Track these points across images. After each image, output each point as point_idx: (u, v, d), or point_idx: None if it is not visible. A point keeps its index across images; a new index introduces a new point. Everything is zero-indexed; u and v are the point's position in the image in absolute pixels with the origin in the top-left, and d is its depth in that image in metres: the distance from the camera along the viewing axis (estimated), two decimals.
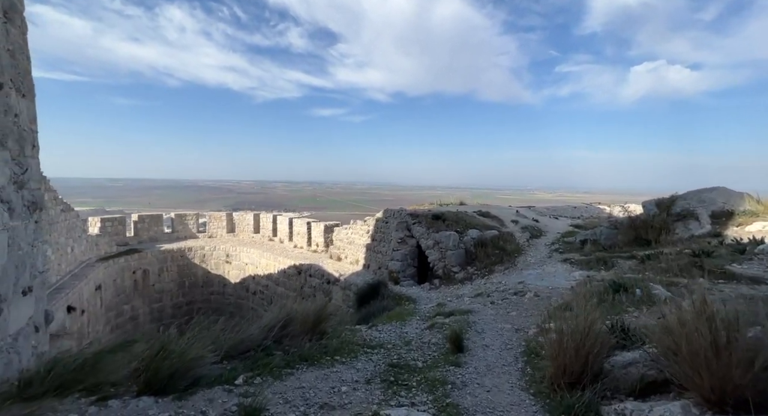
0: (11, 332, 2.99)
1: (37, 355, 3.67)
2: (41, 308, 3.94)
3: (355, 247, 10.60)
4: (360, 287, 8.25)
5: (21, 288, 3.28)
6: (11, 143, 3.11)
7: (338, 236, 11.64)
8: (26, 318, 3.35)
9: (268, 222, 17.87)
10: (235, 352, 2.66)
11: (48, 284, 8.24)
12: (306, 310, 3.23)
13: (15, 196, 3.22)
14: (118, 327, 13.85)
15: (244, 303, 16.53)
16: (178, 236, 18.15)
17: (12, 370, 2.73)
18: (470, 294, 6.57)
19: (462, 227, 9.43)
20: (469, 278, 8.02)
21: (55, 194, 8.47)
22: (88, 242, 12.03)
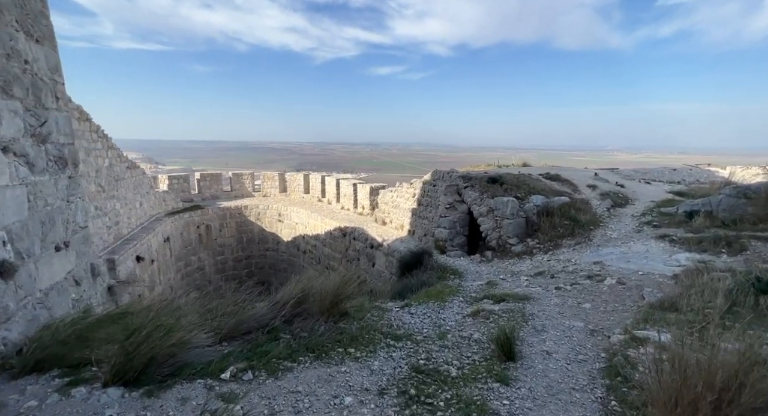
0: (42, 287, 3.08)
1: (84, 307, 3.93)
2: (84, 262, 4.17)
3: (400, 211, 10.08)
4: (403, 255, 7.83)
5: (53, 243, 3.37)
6: (19, 91, 2.97)
7: (383, 199, 11.17)
8: (62, 272, 3.49)
9: (317, 183, 18.13)
10: (237, 332, 2.33)
11: (120, 236, 9.30)
12: (324, 286, 2.79)
13: (34, 150, 3.18)
14: (187, 275, 15.70)
15: (295, 261, 17.54)
16: (235, 195, 19.47)
17: (36, 326, 2.79)
18: (529, 273, 5.72)
19: (523, 193, 8.22)
20: (528, 253, 7.05)
21: (119, 152, 9.22)
22: (156, 198, 13.33)
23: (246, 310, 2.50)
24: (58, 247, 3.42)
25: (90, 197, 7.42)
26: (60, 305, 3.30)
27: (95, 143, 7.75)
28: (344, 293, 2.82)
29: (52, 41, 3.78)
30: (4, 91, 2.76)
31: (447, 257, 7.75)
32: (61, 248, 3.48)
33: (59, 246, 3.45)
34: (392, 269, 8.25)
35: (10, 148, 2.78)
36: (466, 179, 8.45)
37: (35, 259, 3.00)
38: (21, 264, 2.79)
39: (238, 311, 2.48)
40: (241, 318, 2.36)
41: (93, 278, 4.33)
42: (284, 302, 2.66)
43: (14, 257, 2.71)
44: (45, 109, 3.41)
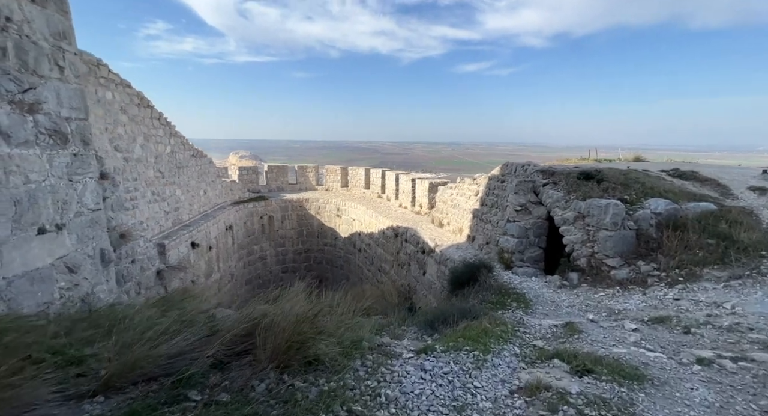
0: (9, 274, 2.77)
1: (81, 296, 3.71)
2: (91, 248, 3.98)
3: (459, 212, 8.66)
4: (456, 266, 6.50)
5: (33, 225, 3.09)
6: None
7: (442, 197, 9.84)
8: (48, 258, 3.23)
9: (378, 178, 17.56)
10: (127, 378, 1.51)
11: (179, 222, 9.86)
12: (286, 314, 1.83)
13: (11, 118, 2.91)
14: (249, 264, 16.58)
15: (351, 259, 17.26)
16: (300, 188, 20.07)
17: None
18: (640, 316, 3.85)
19: (634, 195, 6.08)
20: (638, 282, 5.01)
21: (183, 140, 9.78)
22: (223, 187, 14.18)
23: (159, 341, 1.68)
24: (42, 229, 3.15)
25: (147, 182, 7.83)
26: (32, 296, 3.00)
27: (156, 130, 8.20)
28: (314, 327, 1.83)
29: (60, 5, 3.59)
30: None
31: (513, 274, 6.14)
32: (47, 230, 3.22)
33: (45, 229, 3.18)
34: (444, 281, 6.99)
35: None
36: (546, 175, 6.67)
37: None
38: None
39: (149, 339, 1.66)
40: (141, 356, 1.53)
41: (103, 265, 4.15)
42: (223, 334, 1.78)
43: None
44: (37, 76, 3.16)
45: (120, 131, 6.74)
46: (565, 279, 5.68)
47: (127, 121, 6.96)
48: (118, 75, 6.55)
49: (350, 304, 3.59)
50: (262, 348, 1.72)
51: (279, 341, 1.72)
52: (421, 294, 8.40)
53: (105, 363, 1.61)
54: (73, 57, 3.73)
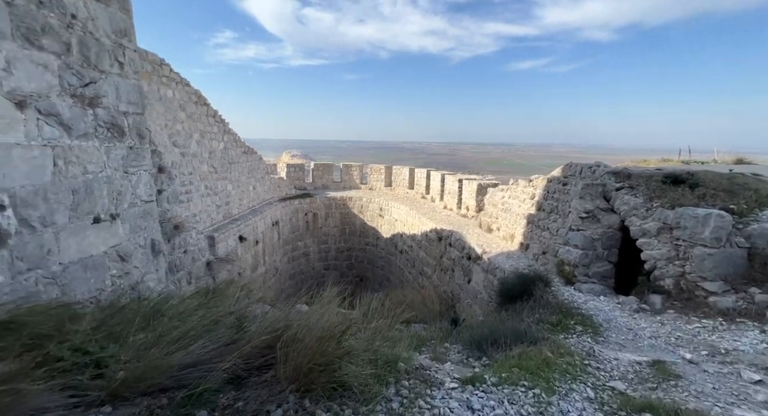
0: (64, 260, 2.91)
1: (131, 285, 3.88)
2: (142, 238, 4.16)
3: (511, 217, 7.95)
4: (506, 276, 5.90)
5: (89, 214, 3.25)
6: (53, 44, 2.81)
7: (491, 199, 9.16)
8: (102, 246, 3.39)
9: (422, 178, 17.17)
10: (137, 388, 1.38)
11: (229, 216, 10.35)
12: (309, 331, 1.60)
13: (73, 111, 3.06)
14: (294, 259, 17.09)
15: (393, 260, 17.07)
16: (344, 186, 20.34)
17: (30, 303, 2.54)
18: (762, 362, 3.06)
19: (744, 204, 5.00)
20: (752, 315, 4.03)
21: (235, 137, 10.27)
22: (271, 184, 14.75)
23: (178, 346, 1.54)
24: (98, 219, 3.30)
25: (201, 177, 8.28)
26: (86, 282, 3.13)
27: (211, 127, 8.66)
28: (340, 348, 1.57)
29: (122, 3, 3.77)
30: (28, 40, 2.56)
31: (575, 291, 5.37)
32: (103, 220, 3.37)
33: (100, 218, 3.33)
34: (491, 292, 6.42)
35: (30, 104, 2.58)
36: (620, 177, 5.78)
37: (57, 229, 2.82)
38: (29, 233, 2.58)
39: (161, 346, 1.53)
40: (153, 364, 1.38)
41: (154, 255, 4.33)
42: (243, 344, 1.59)
43: (17, 225, 2.49)
44: (98, 71, 3.32)
45: (178, 127, 7.17)
46: (645, 302, 4.80)
47: (185, 118, 7.39)
48: (179, 74, 6.98)
49: (388, 312, 3.32)
50: (282, 364, 1.50)
51: (301, 359, 1.49)
52: (465, 303, 7.90)
53: (121, 365, 1.49)
54: (133, 54, 3.90)
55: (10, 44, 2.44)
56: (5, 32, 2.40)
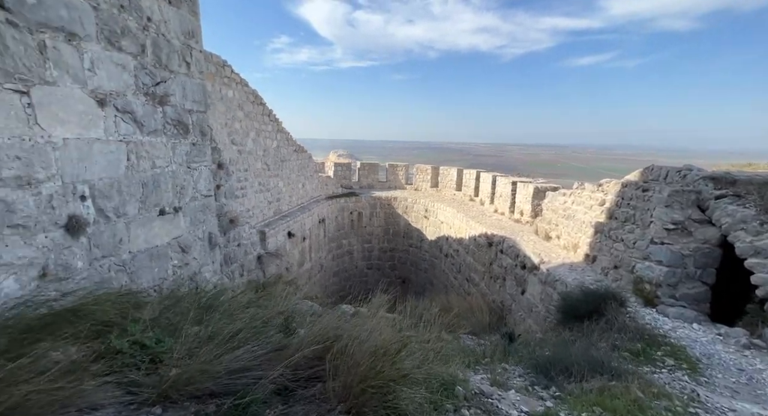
0: (133, 250, 3.12)
1: (189, 275, 4.09)
2: (201, 231, 4.38)
3: (575, 224, 7.21)
4: (569, 291, 5.33)
5: (156, 207, 3.45)
6: (131, 45, 3.01)
7: (551, 204, 8.43)
8: (166, 237, 3.59)
9: (471, 180, 16.55)
10: (187, 392, 1.34)
11: (279, 212, 10.76)
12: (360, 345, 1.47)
13: (145, 109, 3.26)
14: (338, 257, 17.43)
15: (437, 263, 16.69)
16: (389, 186, 20.33)
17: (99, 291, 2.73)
18: None
19: None
20: None
21: (287, 136, 10.66)
22: (319, 182, 15.15)
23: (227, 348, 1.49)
24: (163, 211, 3.51)
25: (255, 174, 8.68)
26: (150, 270, 3.33)
27: (266, 125, 9.05)
28: (397, 368, 1.41)
29: (192, 6, 3.99)
30: (110, 42, 2.76)
31: (659, 315, 4.61)
32: (167, 212, 3.58)
33: (165, 210, 3.54)
34: (550, 306, 5.86)
35: (109, 101, 2.78)
36: (721, 184, 4.91)
37: (127, 220, 3.03)
38: (105, 222, 2.78)
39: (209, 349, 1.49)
40: (200, 369, 1.34)
41: (211, 247, 4.55)
42: (291, 352, 1.50)
43: (95, 215, 2.69)
44: (168, 71, 3.53)
45: (236, 126, 7.57)
46: (758, 337, 3.94)
47: (243, 116, 7.79)
48: (239, 75, 7.38)
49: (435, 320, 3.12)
50: (332, 378, 1.38)
51: (352, 377, 1.36)
52: (518, 316, 7.37)
53: (174, 362, 1.47)
54: (198, 54, 4.11)
55: (95, 46, 2.63)
56: (91, 35, 2.59)
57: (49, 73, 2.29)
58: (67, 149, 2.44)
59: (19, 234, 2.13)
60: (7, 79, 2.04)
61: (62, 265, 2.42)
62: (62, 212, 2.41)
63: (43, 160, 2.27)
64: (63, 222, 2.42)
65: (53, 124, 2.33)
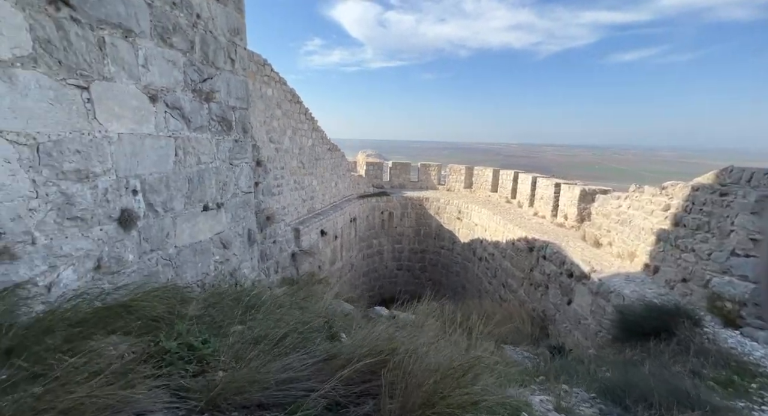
0: (178, 244, 3.18)
1: (230, 271, 4.16)
2: (241, 227, 4.44)
3: (631, 230, 6.60)
4: (628, 304, 4.84)
5: (200, 202, 3.51)
6: (181, 42, 3.07)
7: (602, 208, 7.82)
8: (208, 233, 3.66)
9: (508, 181, 15.93)
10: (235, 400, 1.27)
11: (312, 210, 10.89)
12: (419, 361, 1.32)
13: (192, 105, 3.32)
14: (368, 256, 17.44)
15: (469, 267, 16.25)
16: (420, 186, 20.08)
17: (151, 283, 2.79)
18: None
19: None
20: None
21: (322, 134, 10.77)
22: (351, 181, 15.22)
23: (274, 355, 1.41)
24: (206, 207, 3.57)
25: (291, 172, 8.81)
26: (194, 265, 3.39)
27: (302, 124, 9.18)
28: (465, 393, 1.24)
29: (237, 4, 4.04)
30: (162, 38, 2.82)
31: (745, 338, 3.99)
32: (210, 208, 3.64)
33: (208, 206, 3.60)
34: (603, 320, 5.37)
35: (160, 97, 2.84)
36: None
37: (174, 214, 3.09)
38: (154, 217, 2.84)
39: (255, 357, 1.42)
40: (249, 379, 1.26)
41: (249, 244, 4.61)
42: (341, 363, 1.39)
43: (145, 209, 2.75)
44: (215, 67, 3.58)
45: (275, 124, 7.71)
46: None
47: (281, 115, 7.93)
48: (278, 73, 7.51)
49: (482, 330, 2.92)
50: (388, 398, 1.25)
51: (413, 399, 1.22)
52: (563, 327, 6.91)
53: (222, 366, 1.40)
54: (243, 51, 4.16)
55: (149, 42, 2.69)
56: (145, 31, 2.65)
57: (107, 69, 2.34)
58: (121, 143, 2.49)
59: (78, 226, 2.19)
60: (70, 75, 2.10)
61: (115, 258, 2.48)
62: (116, 206, 2.47)
63: (100, 154, 2.32)
64: (116, 216, 2.48)
65: (109, 119, 2.38)
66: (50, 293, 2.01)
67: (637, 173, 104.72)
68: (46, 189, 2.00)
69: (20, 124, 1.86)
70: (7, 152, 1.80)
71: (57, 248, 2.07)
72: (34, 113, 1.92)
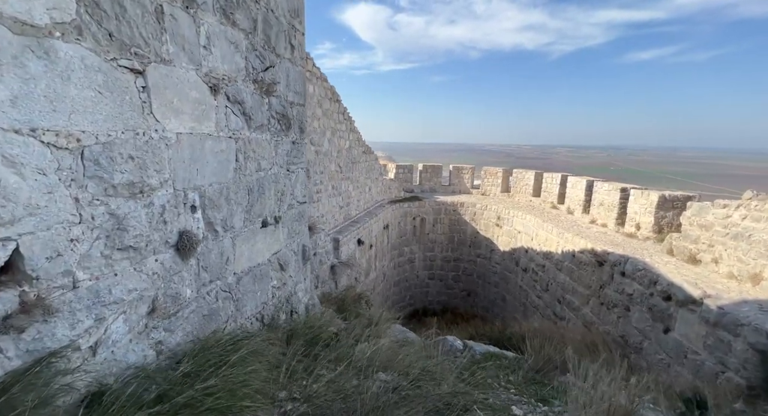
0: (237, 270, 2.64)
1: (286, 296, 3.60)
2: (296, 243, 3.89)
3: (752, 247, 5.50)
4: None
5: (259, 217, 2.98)
6: (244, 20, 2.55)
7: (698, 218, 6.75)
8: (267, 253, 3.12)
9: (554, 185, 14.94)
10: None
11: (348, 217, 10.36)
12: None
13: (254, 99, 2.80)
14: (399, 265, 16.79)
15: (511, 278, 15.32)
16: (453, 190, 19.30)
17: (212, 326, 2.25)
18: None
19: None
20: None
21: (359, 136, 10.25)
22: (383, 185, 14.65)
23: None
24: (265, 222, 3.03)
25: (329, 176, 8.31)
26: (254, 295, 2.85)
27: (340, 124, 8.68)
28: None
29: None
30: (225, 13, 2.30)
31: None
32: (269, 223, 3.10)
33: (267, 221, 3.06)
34: (728, 358, 4.45)
35: (221, 88, 2.32)
36: None
37: (234, 234, 2.55)
38: (213, 239, 2.31)
39: None
40: None
41: (303, 262, 4.06)
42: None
43: (204, 229, 2.22)
44: (275, 54, 3.06)
45: (315, 125, 7.23)
46: None
47: (321, 114, 7.45)
48: (319, 69, 7.05)
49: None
50: None
51: None
52: (656, 359, 6.01)
53: None
54: (302, 38, 3.64)
55: (211, 17, 2.17)
56: (207, 2, 2.13)
57: (165, 48, 1.82)
58: (180, 146, 1.97)
59: (129, 259, 1.66)
60: (122, 54, 1.57)
61: (171, 296, 1.95)
62: (173, 228, 1.95)
63: (157, 161, 1.80)
64: (173, 241, 1.96)
65: (167, 114, 1.86)
66: (95, 357, 1.48)
67: (655, 175, 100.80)
68: (92, 210, 1.48)
69: (61, 120, 1.34)
70: (43, 160, 1.28)
71: (105, 292, 1.53)
72: (77, 104, 1.40)
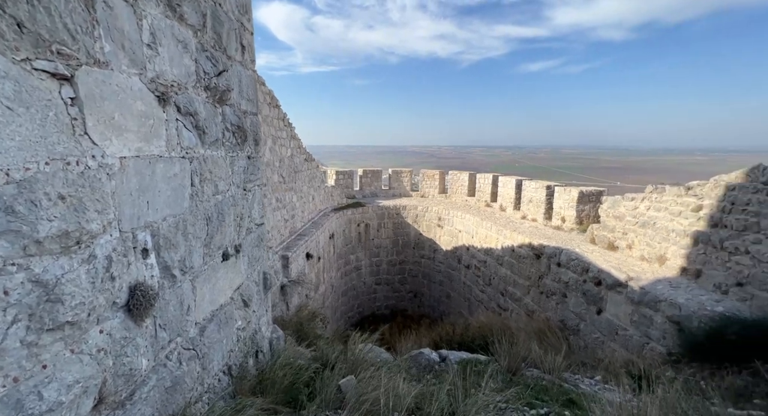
0: (199, 319, 2.17)
1: (251, 336, 3.12)
2: (257, 272, 3.42)
3: (656, 233, 6.56)
4: (689, 315, 4.58)
5: (219, 249, 2.51)
6: (192, 15, 2.10)
7: (613, 210, 7.80)
8: (229, 290, 2.65)
9: (487, 185, 15.98)
10: None
11: (294, 231, 9.74)
12: None
13: (207, 109, 2.36)
14: (346, 274, 16.40)
15: (454, 275, 15.96)
16: (393, 193, 19.53)
17: (178, 402, 1.78)
18: None
19: None
20: None
21: (299, 143, 9.70)
22: (326, 193, 14.18)
23: None
24: (226, 254, 2.56)
25: (273, 188, 7.69)
26: (220, 345, 2.38)
27: (281, 131, 8.10)
28: None
29: None
30: (169, 5, 1.85)
31: None
32: (230, 255, 2.63)
33: (228, 253, 2.60)
34: (650, 331, 5.10)
35: (171, 97, 1.86)
36: None
37: (193, 275, 2.08)
38: (170, 286, 1.84)
39: None
40: None
41: (265, 292, 3.59)
42: None
43: (159, 276, 1.75)
44: (227, 56, 2.61)
45: None
46: None
47: (261, 122, 6.83)
48: (256, 71, 6.42)
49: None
50: None
51: None
52: (593, 338, 6.66)
53: None
54: (251, 37, 3.21)
55: (154, 9, 1.72)
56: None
57: (99, 46, 1.37)
58: (125, 174, 1.51)
59: (64, 339, 1.19)
60: (39, 53, 1.12)
61: (124, 375, 1.47)
62: (123, 283, 1.48)
63: (98, 198, 1.34)
64: (123, 300, 1.49)
65: (107, 134, 1.40)
66: None
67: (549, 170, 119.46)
68: (5, 281, 1.01)
69: None
70: None
71: (31, 400, 1.06)
72: None
